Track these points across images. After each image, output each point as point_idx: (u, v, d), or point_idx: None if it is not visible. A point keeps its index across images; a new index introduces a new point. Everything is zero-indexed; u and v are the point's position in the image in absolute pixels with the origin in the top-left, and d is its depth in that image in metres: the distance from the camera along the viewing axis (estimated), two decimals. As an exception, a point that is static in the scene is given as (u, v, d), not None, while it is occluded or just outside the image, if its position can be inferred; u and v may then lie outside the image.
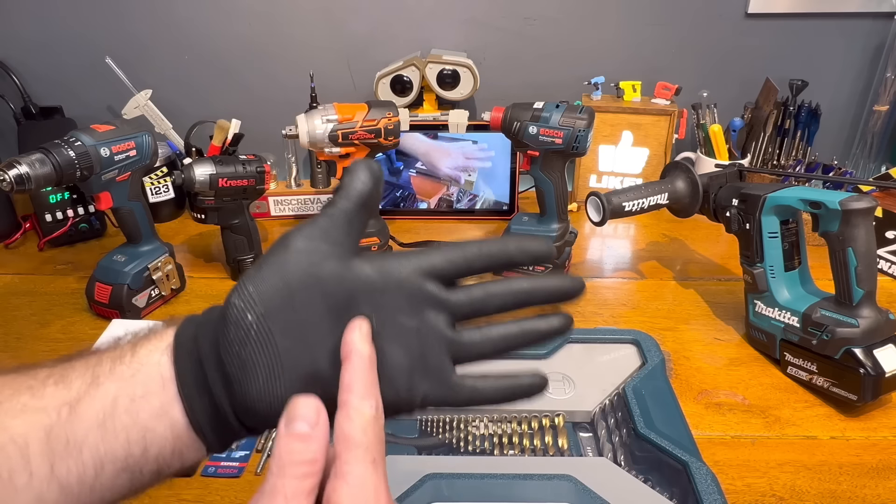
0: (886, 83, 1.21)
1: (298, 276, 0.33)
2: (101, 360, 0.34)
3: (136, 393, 0.33)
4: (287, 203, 1.19)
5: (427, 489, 0.55)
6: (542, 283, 0.37)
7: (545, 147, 0.90)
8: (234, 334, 0.32)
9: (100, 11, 1.20)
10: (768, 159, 1.22)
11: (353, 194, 0.35)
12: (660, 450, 0.60)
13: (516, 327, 0.37)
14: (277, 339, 0.32)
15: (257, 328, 0.32)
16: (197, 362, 0.33)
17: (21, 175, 0.72)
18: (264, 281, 0.33)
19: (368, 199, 0.36)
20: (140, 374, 0.33)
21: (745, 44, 1.24)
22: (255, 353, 0.32)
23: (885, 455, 0.67)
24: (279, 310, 0.32)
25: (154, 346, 0.34)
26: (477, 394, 0.36)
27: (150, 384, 0.33)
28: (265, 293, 0.32)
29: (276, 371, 0.32)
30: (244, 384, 0.32)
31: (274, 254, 0.34)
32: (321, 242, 0.34)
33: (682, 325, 0.89)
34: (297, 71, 1.21)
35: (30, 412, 0.32)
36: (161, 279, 0.91)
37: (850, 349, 0.70)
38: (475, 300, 0.36)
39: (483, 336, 0.36)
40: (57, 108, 1.21)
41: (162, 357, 0.34)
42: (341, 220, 0.35)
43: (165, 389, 0.33)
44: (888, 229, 0.98)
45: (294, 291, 0.33)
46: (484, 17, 1.23)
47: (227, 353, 0.32)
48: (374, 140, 0.90)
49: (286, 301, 0.33)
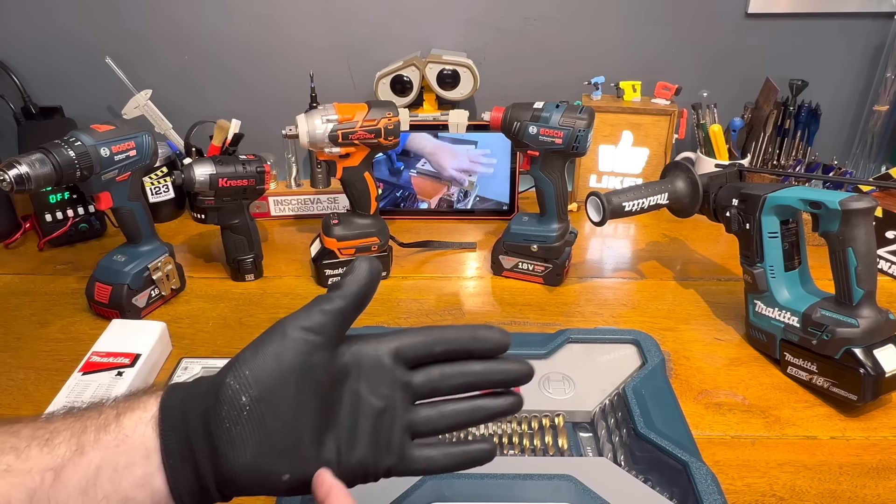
0: (886, 83, 1.21)
1: (292, 365, 0.36)
2: (86, 427, 0.36)
3: (119, 463, 0.35)
4: (287, 203, 1.19)
5: (427, 489, 0.55)
6: (494, 367, 0.40)
7: (545, 147, 0.90)
8: (227, 413, 0.35)
9: (100, 11, 1.20)
10: (768, 159, 1.22)
11: (350, 294, 0.39)
12: (660, 450, 0.60)
13: (469, 406, 0.41)
14: (268, 420, 0.35)
15: (250, 409, 0.35)
16: (183, 436, 0.35)
17: (21, 175, 0.72)
18: (261, 368, 0.36)
19: (363, 299, 0.40)
20: (124, 445, 0.35)
21: (745, 44, 1.24)
22: (245, 432, 0.35)
23: (885, 455, 0.67)
24: (272, 395, 0.36)
25: (139, 416, 0.36)
26: (432, 464, 0.40)
27: (133, 455, 0.35)
28: (261, 378, 0.36)
29: (264, 448, 0.35)
30: (231, 458, 0.35)
31: (271, 341, 0.37)
32: (315, 335, 0.37)
33: (682, 325, 0.89)
34: (297, 71, 1.21)
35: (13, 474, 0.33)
36: (161, 279, 0.91)
37: (850, 349, 0.70)
38: (432, 381, 0.40)
39: (438, 413, 0.40)
40: (57, 108, 1.21)
41: (146, 429, 0.36)
42: (336, 318, 0.38)
43: (149, 460, 0.35)
44: (888, 229, 0.98)
45: (287, 379, 0.36)
46: (484, 17, 1.23)
47: (218, 429, 0.35)
48: (374, 140, 0.90)
49: (279, 386, 0.36)
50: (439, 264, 1.05)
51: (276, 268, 1.03)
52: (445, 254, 1.08)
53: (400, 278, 1.01)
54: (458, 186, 1.18)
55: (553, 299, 0.95)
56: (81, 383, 0.73)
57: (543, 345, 0.76)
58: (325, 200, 1.19)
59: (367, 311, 0.96)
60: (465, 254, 1.08)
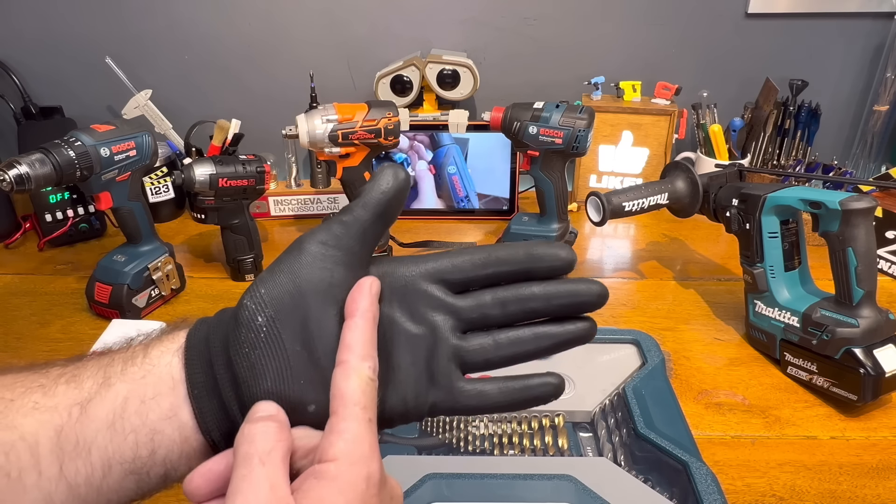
0: (886, 83, 1.21)
1: (310, 281, 0.33)
2: (113, 360, 0.34)
3: (146, 394, 0.33)
4: (287, 203, 1.19)
5: (427, 489, 0.55)
6: (558, 288, 0.35)
7: (545, 147, 0.90)
8: (245, 336, 0.32)
9: (100, 11, 1.20)
10: (768, 159, 1.22)
11: (371, 203, 0.35)
12: (660, 450, 0.60)
13: (531, 333, 0.36)
14: (287, 342, 0.32)
15: (267, 331, 0.32)
16: (207, 364, 0.33)
17: (21, 175, 0.72)
18: (277, 285, 0.33)
19: (387, 209, 0.35)
20: (151, 376, 0.33)
21: (745, 44, 1.24)
22: (265, 356, 0.32)
23: (885, 455, 0.67)
24: (290, 313, 0.32)
25: (166, 347, 0.34)
26: (484, 400, 0.35)
27: (160, 386, 0.33)
28: (277, 296, 0.33)
29: (285, 374, 0.32)
30: (252, 386, 0.32)
31: (287, 257, 0.34)
32: (334, 249, 0.34)
33: (682, 325, 0.89)
34: (297, 71, 1.21)
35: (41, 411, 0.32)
36: (161, 279, 0.91)
37: (850, 349, 0.70)
38: (483, 305, 0.35)
39: (493, 341, 0.35)
40: (57, 108, 1.21)
41: (173, 359, 0.34)
42: (356, 229, 0.34)
43: (175, 391, 0.33)
44: (888, 229, 0.98)
45: (305, 296, 0.33)
46: (484, 17, 1.23)
47: (237, 354, 0.32)
48: (374, 140, 0.90)
49: (297, 305, 0.33)
50: (439, 264, 1.05)
51: (276, 268, 1.02)
52: (445, 254, 1.08)
53: (400, 278, 1.00)
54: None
55: (553, 299, 0.95)
56: (81, 383, 0.73)
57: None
58: (325, 200, 1.19)
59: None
60: (465, 254, 1.08)
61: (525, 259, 0.35)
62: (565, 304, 0.35)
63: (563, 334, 0.36)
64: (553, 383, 0.36)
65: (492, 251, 0.35)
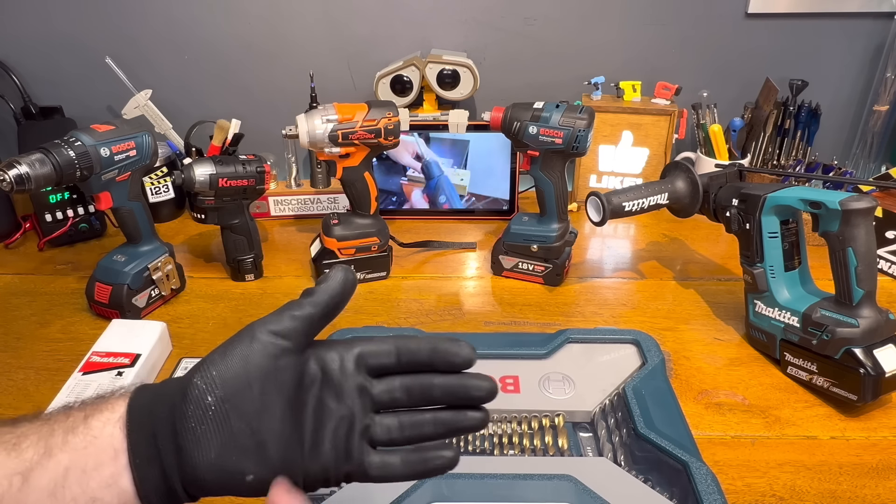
0: (886, 83, 1.21)
1: (258, 367, 0.37)
2: (54, 431, 0.36)
3: (87, 464, 0.35)
4: (287, 203, 1.19)
5: (427, 489, 0.55)
6: (455, 381, 0.40)
7: (545, 147, 0.90)
8: (193, 412, 0.36)
9: (100, 12, 1.20)
10: (768, 159, 1.22)
11: (320, 303, 0.39)
12: (660, 450, 0.60)
13: (430, 418, 0.40)
14: (233, 420, 0.36)
15: (215, 409, 0.36)
16: (151, 434, 0.36)
17: (21, 175, 0.72)
18: (228, 369, 0.36)
19: (334, 308, 0.40)
20: (92, 447, 0.35)
21: (745, 44, 1.24)
22: (210, 432, 0.35)
23: (885, 455, 0.67)
24: (237, 395, 0.36)
25: (106, 417, 0.36)
26: (388, 472, 0.40)
27: (101, 456, 0.35)
28: (227, 379, 0.36)
29: (228, 447, 0.36)
30: (196, 457, 0.35)
31: (240, 343, 0.37)
32: (284, 340, 0.38)
33: (682, 325, 0.89)
34: (297, 71, 1.21)
35: None
36: (161, 279, 0.91)
37: (850, 349, 0.70)
38: (392, 390, 0.40)
39: (398, 424, 0.40)
40: (57, 108, 1.21)
41: (114, 429, 0.36)
42: (305, 325, 0.39)
43: (117, 460, 0.35)
44: (888, 229, 0.98)
45: (253, 381, 0.37)
46: (484, 17, 1.23)
47: (184, 427, 0.35)
48: (374, 140, 0.90)
49: (245, 388, 0.36)
50: (439, 264, 1.05)
51: (276, 268, 1.03)
52: (445, 254, 1.08)
53: (400, 278, 1.01)
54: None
55: (553, 299, 0.95)
56: (81, 383, 0.73)
57: (543, 345, 0.76)
58: (325, 200, 1.19)
59: (367, 312, 0.96)
60: (465, 254, 1.08)
61: (430, 353, 0.40)
62: (460, 397, 0.40)
63: (457, 423, 0.40)
64: (447, 456, 0.40)
65: (402, 343, 0.40)
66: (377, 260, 0.98)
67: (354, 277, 0.41)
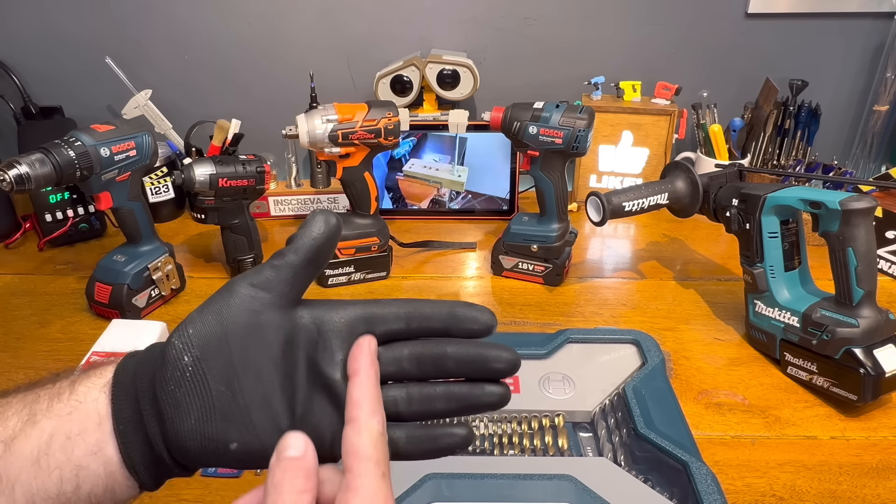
0: (886, 83, 1.21)
1: (237, 323, 0.34)
2: (39, 397, 0.34)
3: (72, 431, 0.33)
4: (287, 203, 1.19)
5: (427, 489, 0.55)
6: (472, 352, 0.36)
7: (545, 147, 0.90)
8: (171, 374, 0.33)
9: (100, 11, 1.20)
10: (768, 159, 1.22)
11: (302, 248, 0.35)
12: (660, 450, 0.60)
13: (442, 391, 0.36)
14: (211, 382, 0.33)
15: (192, 370, 0.33)
16: (134, 399, 0.34)
17: (21, 175, 0.72)
18: (205, 325, 0.34)
19: (318, 254, 0.36)
20: (77, 412, 0.34)
21: (745, 44, 1.24)
22: (189, 394, 0.33)
23: (885, 455, 0.67)
24: (215, 354, 0.33)
25: (93, 382, 0.35)
26: (392, 448, 0.35)
27: (86, 422, 0.33)
28: (204, 337, 0.33)
29: (209, 412, 0.33)
30: (177, 422, 0.33)
31: (217, 299, 0.35)
32: (264, 292, 0.35)
33: (682, 325, 0.89)
34: (297, 71, 1.21)
35: None
36: (161, 279, 0.91)
37: (850, 349, 0.70)
38: (400, 360, 0.36)
39: (406, 396, 0.36)
40: (57, 108, 1.21)
41: (100, 394, 0.34)
42: (287, 273, 0.35)
43: (101, 427, 0.33)
44: (888, 229, 0.98)
45: (231, 338, 0.34)
46: (484, 17, 1.23)
47: (163, 391, 0.33)
48: (374, 140, 0.90)
49: (223, 346, 0.33)
50: (439, 264, 1.05)
51: (276, 268, 1.02)
52: (445, 254, 1.08)
53: (400, 278, 1.01)
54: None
55: (553, 299, 0.95)
56: (81, 383, 0.73)
57: (543, 345, 0.76)
58: (325, 200, 1.19)
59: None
60: (465, 254, 1.08)
61: (446, 318, 0.36)
62: (477, 369, 0.36)
63: (473, 398, 0.36)
64: (460, 434, 0.35)
65: (416, 306, 0.36)
66: (377, 260, 0.98)
67: (338, 221, 0.36)
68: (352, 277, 0.98)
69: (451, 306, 0.36)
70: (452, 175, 1.18)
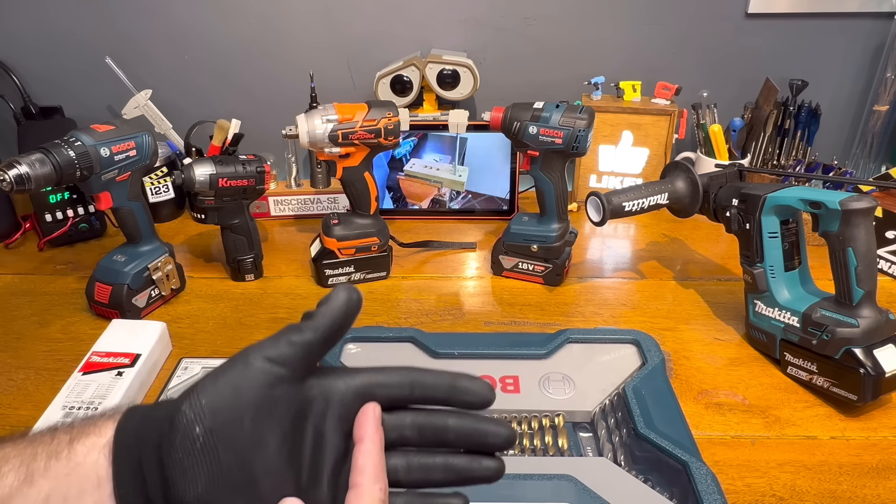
0: (886, 83, 1.21)
1: (251, 398, 0.34)
2: (37, 454, 0.34)
3: (69, 492, 0.33)
4: (287, 203, 1.19)
5: (427, 489, 0.55)
6: (471, 426, 0.37)
7: (545, 147, 0.90)
8: (180, 442, 0.33)
9: (100, 11, 1.20)
10: (768, 159, 1.22)
11: (322, 327, 0.36)
12: (660, 450, 0.60)
13: (441, 463, 0.37)
14: (221, 453, 0.33)
15: (203, 441, 0.33)
16: (136, 462, 0.34)
17: (21, 175, 0.72)
18: (219, 397, 0.34)
19: (338, 332, 0.37)
20: (75, 474, 0.33)
21: (745, 44, 1.24)
22: (198, 464, 0.33)
23: (885, 455, 0.67)
24: (227, 427, 0.33)
25: (92, 443, 0.34)
26: None
27: (85, 484, 0.33)
28: (217, 409, 0.33)
29: (217, 482, 0.33)
30: (181, 489, 0.33)
31: (232, 370, 0.35)
32: (280, 367, 0.35)
33: (682, 325, 0.89)
34: (297, 71, 1.21)
35: None
36: (161, 279, 0.91)
37: (850, 349, 0.70)
38: (402, 428, 0.37)
39: (405, 465, 0.37)
40: (57, 108, 1.21)
41: (99, 456, 0.34)
42: (303, 350, 0.36)
43: (100, 489, 0.33)
44: (888, 229, 0.98)
45: (245, 412, 0.34)
46: (484, 17, 1.23)
47: (170, 458, 0.33)
48: (374, 140, 0.90)
49: (235, 420, 0.33)
50: (439, 264, 1.05)
51: (276, 268, 1.03)
52: (445, 254, 1.08)
53: (400, 278, 1.01)
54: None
55: (553, 299, 0.95)
56: (81, 383, 0.73)
57: (543, 345, 0.76)
58: (325, 200, 1.19)
59: (367, 312, 0.96)
60: (465, 254, 1.08)
61: (448, 390, 0.37)
62: (475, 442, 0.37)
63: (469, 472, 0.37)
64: None
65: (419, 376, 0.38)
66: (377, 260, 0.98)
67: (359, 297, 0.37)
68: (352, 277, 0.98)
69: (453, 378, 0.37)
70: (453, 175, 1.18)
